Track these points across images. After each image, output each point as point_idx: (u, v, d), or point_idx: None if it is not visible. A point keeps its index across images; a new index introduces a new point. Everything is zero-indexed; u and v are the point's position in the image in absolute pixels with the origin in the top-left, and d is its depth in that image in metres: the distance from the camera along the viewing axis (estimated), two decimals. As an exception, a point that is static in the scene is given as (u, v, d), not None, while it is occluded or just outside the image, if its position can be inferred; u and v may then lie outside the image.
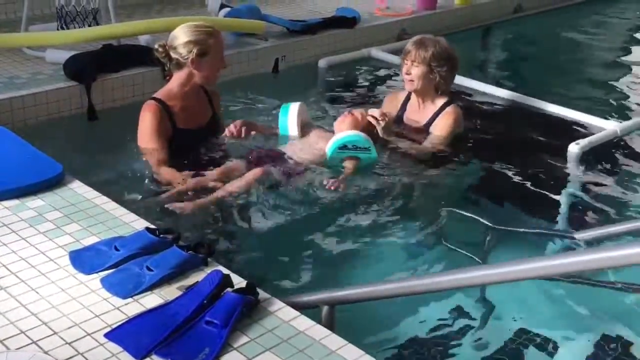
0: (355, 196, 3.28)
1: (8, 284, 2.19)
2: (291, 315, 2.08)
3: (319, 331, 2.02)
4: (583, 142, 3.82)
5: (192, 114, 3.41)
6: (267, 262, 2.87)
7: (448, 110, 3.70)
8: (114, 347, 1.93)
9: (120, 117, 3.98)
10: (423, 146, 3.64)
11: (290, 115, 3.58)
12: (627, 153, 3.99)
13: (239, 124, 3.52)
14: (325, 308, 2.25)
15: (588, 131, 4.11)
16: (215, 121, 3.56)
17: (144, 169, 3.27)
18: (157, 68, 4.20)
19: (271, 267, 2.84)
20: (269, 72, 4.96)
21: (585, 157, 3.80)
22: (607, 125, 4.13)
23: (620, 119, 4.37)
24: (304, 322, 2.05)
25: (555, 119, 4.34)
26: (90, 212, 2.62)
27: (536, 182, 3.59)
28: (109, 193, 2.80)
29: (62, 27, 4.48)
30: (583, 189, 3.65)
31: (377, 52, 5.31)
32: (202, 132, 3.45)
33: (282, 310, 2.10)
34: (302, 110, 3.67)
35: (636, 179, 3.72)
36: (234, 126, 3.51)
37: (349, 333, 2.05)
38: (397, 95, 3.93)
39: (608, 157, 3.92)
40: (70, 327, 2.00)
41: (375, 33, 5.58)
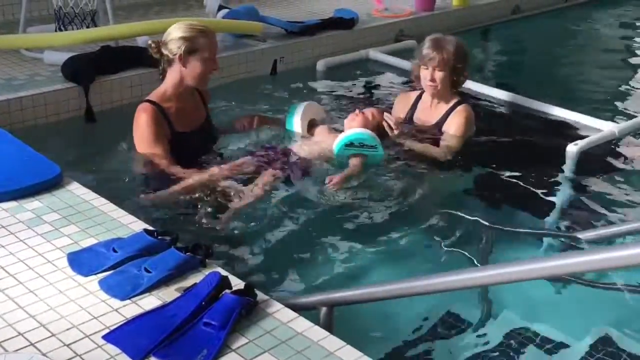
0: (353, 197, 3.28)
1: (6, 286, 2.19)
2: (289, 316, 2.08)
3: (318, 332, 2.02)
4: (581, 143, 3.82)
5: (188, 115, 3.34)
6: (265, 263, 2.87)
7: (459, 109, 3.70)
8: (112, 348, 1.92)
9: (118, 118, 3.98)
10: (439, 148, 3.63)
11: (296, 114, 3.65)
12: (625, 154, 3.99)
13: (249, 117, 3.57)
14: (323, 309, 2.25)
15: (586, 132, 4.11)
16: (210, 122, 3.51)
17: (143, 171, 3.26)
18: (155, 69, 4.19)
19: (269, 268, 2.84)
20: (267, 74, 4.96)
21: (584, 158, 3.80)
22: (605, 126, 4.13)
23: (618, 119, 4.37)
24: (302, 324, 2.05)
25: (554, 120, 4.34)
26: (89, 214, 2.62)
27: (534, 183, 3.59)
28: (107, 195, 2.80)
29: (60, 29, 4.48)
30: (581, 189, 3.66)
31: (375, 53, 5.32)
32: (199, 134, 3.39)
33: (280, 312, 2.10)
34: (312, 109, 3.73)
35: (633, 179, 3.72)
36: (245, 119, 3.55)
37: (347, 334, 2.05)
38: (409, 95, 3.92)
39: (606, 158, 3.92)
40: (68, 329, 2.00)
41: (374, 34, 5.59)
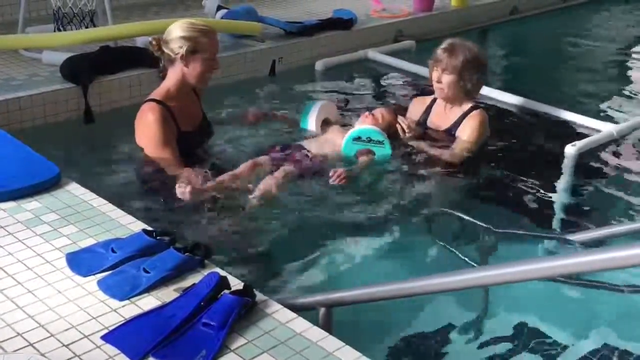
0: (354, 197, 3.28)
1: (4, 286, 2.19)
2: (288, 317, 2.08)
3: (316, 333, 2.02)
4: (579, 144, 3.83)
5: (189, 114, 3.34)
6: (264, 263, 2.87)
7: (473, 113, 3.68)
8: (111, 349, 1.92)
9: (117, 119, 3.98)
10: (450, 152, 3.61)
11: (311, 113, 3.74)
12: (623, 155, 3.99)
13: (260, 113, 3.74)
14: (322, 310, 2.25)
15: (584, 133, 4.11)
16: (207, 120, 3.50)
17: (142, 172, 3.26)
18: (154, 70, 4.21)
19: (268, 268, 2.84)
20: (265, 74, 4.96)
21: (582, 159, 3.81)
22: (603, 127, 4.13)
23: (616, 120, 4.37)
24: (301, 324, 2.05)
25: (552, 121, 4.34)
26: (87, 214, 2.62)
27: (532, 184, 3.59)
28: (106, 195, 2.80)
29: (59, 29, 4.48)
30: (579, 190, 3.66)
31: (374, 53, 5.32)
32: (199, 132, 3.40)
33: (279, 312, 2.10)
34: (327, 108, 3.81)
35: (632, 180, 3.73)
36: (253, 112, 3.71)
37: (346, 335, 2.04)
38: (424, 99, 3.91)
39: (604, 159, 3.93)
40: (67, 329, 2.00)
41: (372, 35, 5.59)
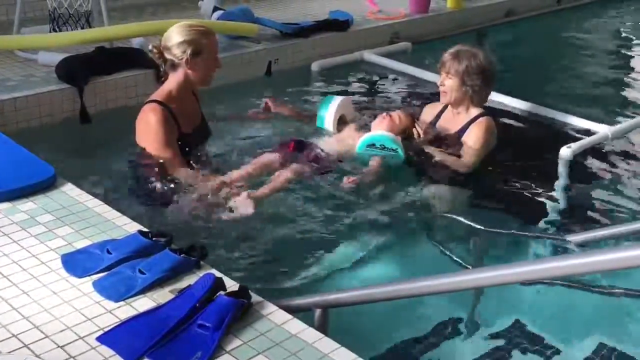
0: (349, 200, 3.29)
1: None
2: (284, 318, 2.08)
3: (312, 334, 2.02)
4: (575, 145, 3.84)
5: (190, 116, 3.35)
6: (259, 265, 2.87)
7: (480, 120, 3.66)
8: (106, 350, 1.92)
9: (112, 119, 3.98)
10: (456, 159, 3.59)
11: (329, 109, 3.74)
12: (618, 156, 4.01)
13: (272, 101, 3.92)
14: (317, 311, 2.25)
15: (580, 134, 4.12)
16: (205, 121, 3.51)
17: (141, 172, 3.25)
18: (150, 70, 4.23)
19: (264, 270, 2.84)
20: (261, 75, 4.96)
21: (577, 160, 3.81)
22: (598, 128, 4.14)
23: (611, 122, 4.38)
24: (296, 326, 2.05)
25: (547, 122, 4.35)
26: (83, 215, 2.61)
27: (527, 185, 3.60)
28: (102, 196, 2.80)
29: (55, 30, 4.47)
30: (575, 191, 3.67)
31: (369, 55, 5.33)
32: (198, 133, 3.40)
33: (274, 314, 2.10)
34: (344, 105, 3.80)
35: (627, 182, 3.74)
36: (267, 102, 3.91)
37: (341, 336, 2.05)
38: (436, 105, 3.91)
39: (599, 161, 3.94)
40: (62, 331, 2.00)
41: (368, 36, 5.60)
